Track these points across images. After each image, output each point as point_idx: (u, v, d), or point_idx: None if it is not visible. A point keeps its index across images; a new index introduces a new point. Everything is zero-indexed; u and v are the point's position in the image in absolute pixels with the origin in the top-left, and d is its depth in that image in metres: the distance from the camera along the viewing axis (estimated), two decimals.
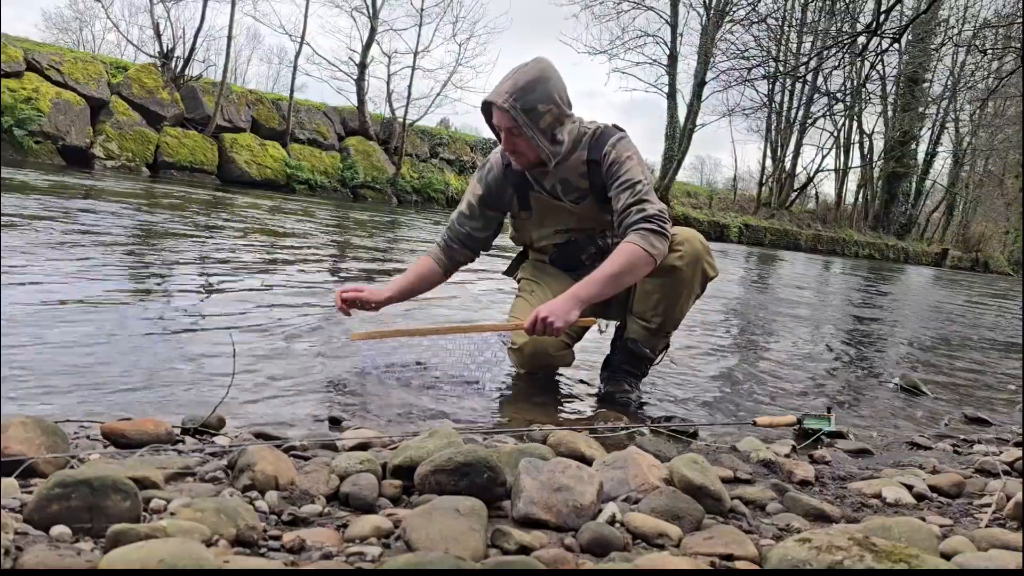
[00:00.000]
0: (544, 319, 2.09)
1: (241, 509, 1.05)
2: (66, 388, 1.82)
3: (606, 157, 2.27)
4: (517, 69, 2.21)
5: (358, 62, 18.60)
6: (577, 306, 2.13)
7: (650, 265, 2.16)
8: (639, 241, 2.15)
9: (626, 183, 2.23)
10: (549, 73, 2.21)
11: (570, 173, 2.34)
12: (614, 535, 1.10)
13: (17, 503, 1.04)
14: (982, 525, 1.37)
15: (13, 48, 12.45)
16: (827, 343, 4.48)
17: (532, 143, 2.22)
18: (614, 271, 2.14)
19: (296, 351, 2.49)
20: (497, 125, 2.25)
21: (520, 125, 2.18)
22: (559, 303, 2.13)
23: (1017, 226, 32.52)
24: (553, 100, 2.20)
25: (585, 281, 2.16)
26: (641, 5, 23.39)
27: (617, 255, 2.16)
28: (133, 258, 4.19)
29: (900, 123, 27.35)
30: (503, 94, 2.17)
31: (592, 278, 2.15)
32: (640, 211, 2.18)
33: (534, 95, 2.17)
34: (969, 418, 2.65)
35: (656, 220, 2.17)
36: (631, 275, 2.17)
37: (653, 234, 2.15)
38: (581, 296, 2.13)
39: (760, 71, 20.48)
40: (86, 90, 13.10)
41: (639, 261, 2.14)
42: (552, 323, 2.09)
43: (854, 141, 29.24)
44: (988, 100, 17.38)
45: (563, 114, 2.25)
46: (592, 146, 2.31)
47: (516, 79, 2.18)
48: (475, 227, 2.48)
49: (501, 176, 2.43)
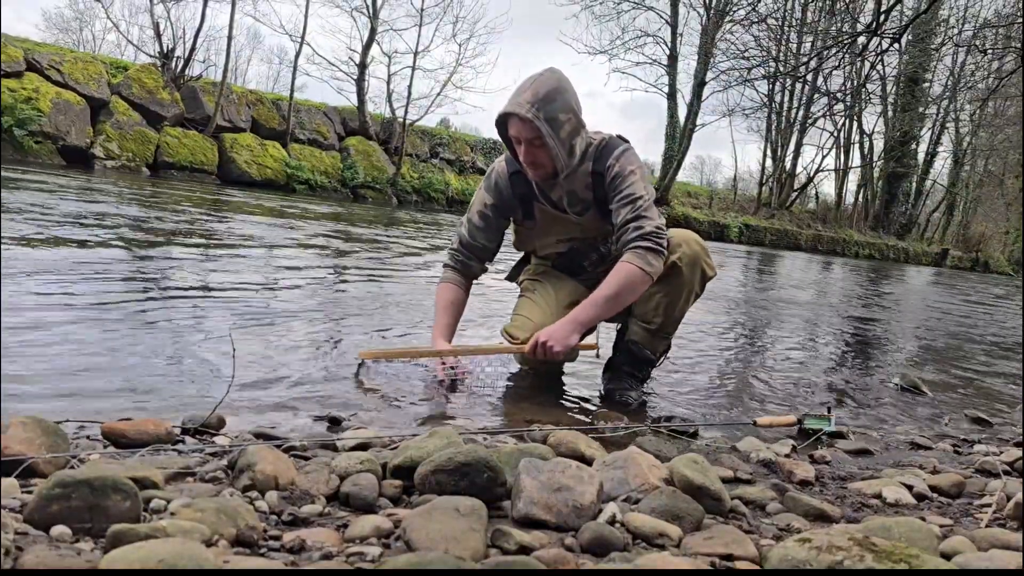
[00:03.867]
0: (544, 343, 2.16)
1: (241, 509, 1.05)
2: (66, 388, 1.82)
3: (610, 169, 2.28)
4: (534, 79, 2.19)
5: (358, 62, 18.61)
6: (577, 330, 2.20)
7: (647, 283, 2.21)
8: (635, 260, 2.18)
9: (627, 198, 2.24)
10: (565, 84, 2.20)
11: (576, 185, 2.34)
12: (614, 535, 1.10)
13: (17, 503, 1.04)
14: (982, 525, 1.37)
15: (13, 48, 12.46)
16: (827, 343, 4.49)
17: (552, 153, 2.20)
18: (612, 292, 2.18)
19: (296, 351, 2.49)
20: (516, 136, 2.20)
21: (544, 135, 2.15)
22: (559, 328, 2.18)
23: (1017, 226, 32.50)
24: (572, 110, 2.20)
25: (584, 304, 2.21)
26: (641, 5, 23.41)
27: (614, 276, 2.19)
28: (132, 257, 4.19)
29: (900, 123, 27.34)
30: (525, 104, 2.13)
31: (591, 301, 2.20)
32: (637, 228, 2.20)
33: (555, 105, 2.15)
34: (969, 418, 2.65)
35: (652, 238, 2.19)
36: (629, 295, 2.22)
37: (649, 252, 2.19)
38: (580, 320, 2.20)
39: (760, 71, 20.48)
40: (86, 90, 13.10)
41: (636, 280, 2.18)
42: (552, 348, 2.16)
43: (854, 141, 29.27)
44: (988, 100, 17.37)
45: (580, 124, 2.25)
46: (597, 157, 2.31)
47: (536, 89, 2.15)
48: (489, 238, 2.46)
49: (508, 184, 2.42)
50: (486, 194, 2.45)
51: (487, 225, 2.45)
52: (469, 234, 2.46)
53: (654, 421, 2.08)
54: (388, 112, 19.20)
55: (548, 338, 2.16)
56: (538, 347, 2.16)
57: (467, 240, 2.46)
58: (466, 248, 2.47)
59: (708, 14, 22.70)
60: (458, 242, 2.49)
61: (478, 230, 2.45)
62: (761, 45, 21.58)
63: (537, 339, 2.17)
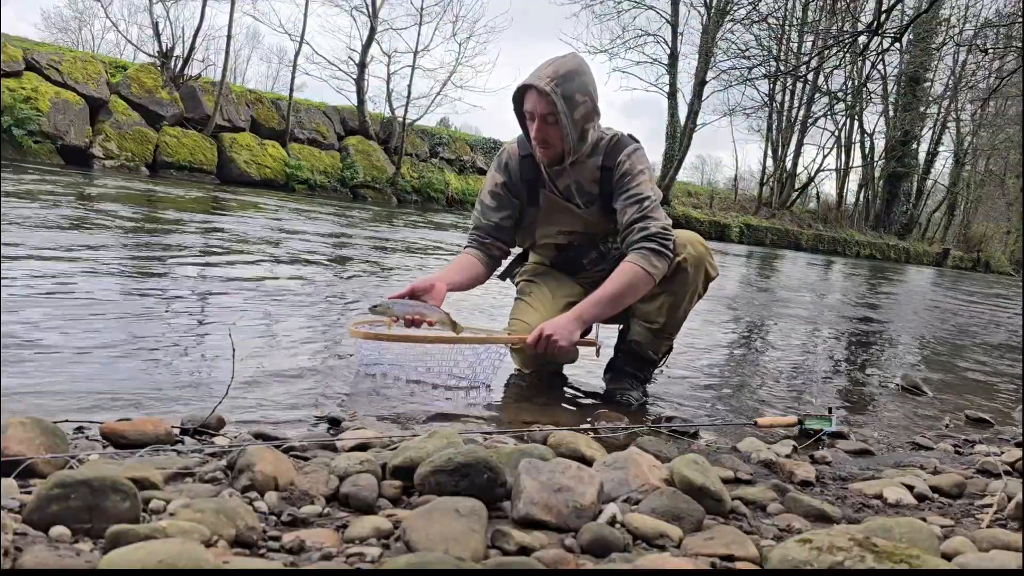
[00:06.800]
0: (549, 336, 2.14)
1: (241, 510, 1.05)
2: (65, 388, 1.81)
3: (619, 166, 2.29)
4: (556, 59, 2.22)
5: (358, 61, 18.60)
6: (580, 326, 2.20)
7: (650, 284, 2.21)
8: (640, 261, 2.18)
9: (634, 197, 2.25)
10: (585, 68, 2.23)
11: (584, 176, 2.34)
12: (614, 536, 1.10)
13: (16, 503, 1.04)
14: (983, 526, 1.37)
15: (12, 48, 12.45)
16: (828, 343, 4.48)
17: (564, 132, 2.20)
18: (615, 292, 2.18)
19: (296, 351, 2.48)
20: (532, 111, 2.21)
21: (558, 112, 2.17)
22: (563, 322, 2.17)
23: (1018, 226, 32.50)
24: (589, 93, 2.22)
25: (587, 302, 2.21)
26: (642, 4, 23.39)
27: (618, 275, 2.19)
28: (131, 257, 4.19)
29: (901, 123, 27.34)
30: (544, 78, 2.16)
31: (594, 299, 2.20)
32: (643, 229, 2.21)
33: (573, 84, 2.18)
34: (970, 418, 2.65)
35: (658, 239, 2.20)
36: (631, 295, 2.22)
37: (654, 254, 2.19)
38: (584, 317, 2.20)
39: (761, 70, 20.52)
40: (85, 90, 13.09)
41: (639, 281, 2.19)
42: (556, 341, 2.14)
43: (855, 141, 29.29)
44: (989, 99, 17.36)
45: (595, 110, 2.26)
46: (608, 153, 2.32)
47: (557, 67, 2.18)
48: (503, 216, 2.43)
49: (518, 167, 2.42)
50: (497, 174, 2.44)
51: (499, 204, 2.43)
52: (482, 214, 2.45)
53: (654, 421, 2.08)
54: (388, 111, 19.19)
55: (553, 331, 2.14)
56: (541, 339, 2.14)
57: (482, 222, 2.45)
58: (481, 229, 2.44)
59: (709, 13, 22.69)
60: (473, 226, 2.47)
61: (491, 209, 2.44)
62: (762, 44, 21.63)
63: (542, 330, 2.15)
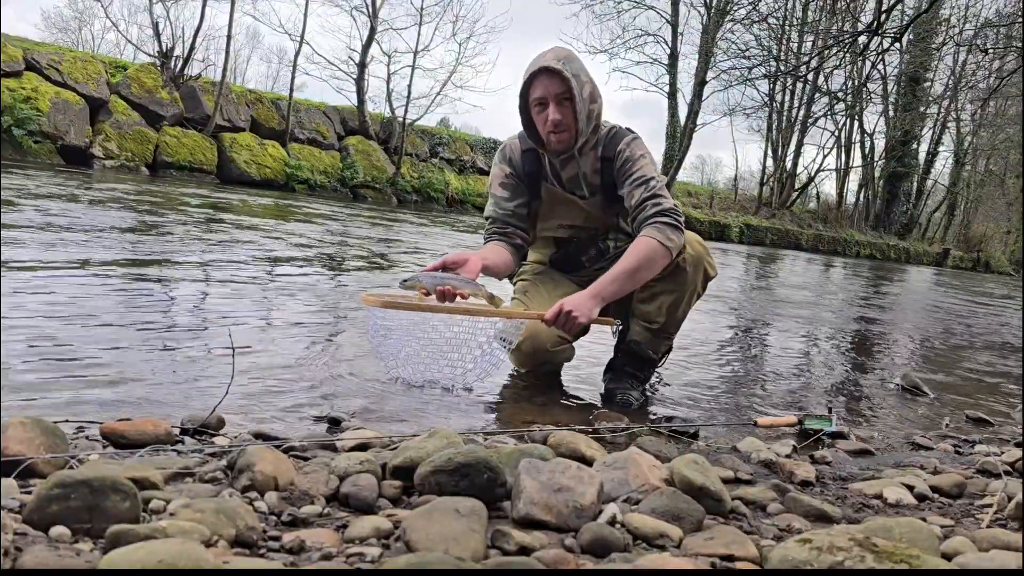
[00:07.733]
0: (569, 312, 2.09)
1: (241, 510, 1.05)
2: (66, 388, 1.81)
3: (620, 155, 2.31)
4: (548, 49, 2.26)
5: (358, 61, 18.59)
6: (599, 303, 2.15)
7: (667, 258, 2.18)
8: (655, 235, 2.16)
9: (640, 179, 2.27)
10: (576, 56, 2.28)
11: (586, 167, 2.36)
12: (615, 536, 1.10)
13: (16, 503, 1.04)
14: (983, 526, 1.37)
15: (12, 48, 12.44)
16: (828, 343, 4.48)
17: (577, 109, 2.21)
18: (632, 266, 2.15)
19: (296, 351, 2.48)
20: (544, 95, 2.22)
21: (573, 88, 2.19)
22: (583, 299, 2.13)
23: (1018, 226, 32.50)
24: (588, 74, 2.26)
25: (604, 278, 2.17)
26: (642, 4, 23.39)
27: (634, 249, 2.17)
28: (130, 256, 4.19)
29: (901, 123, 27.32)
30: (552, 60, 2.19)
31: (611, 275, 2.16)
32: (656, 204, 2.21)
33: (575, 64, 2.23)
34: (970, 418, 2.65)
35: (672, 214, 2.20)
36: (649, 270, 2.18)
37: (670, 227, 2.18)
38: (603, 294, 2.15)
39: (761, 70, 20.51)
40: (85, 89, 13.08)
41: (656, 255, 2.16)
42: (576, 318, 2.09)
43: (855, 141, 29.27)
44: (989, 99, 17.36)
45: (597, 91, 2.29)
46: (607, 144, 2.35)
47: (555, 53, 2.23)
48: (518, 204, 2.40)
49: (520, 159, 2.42)
50: (502, 166, 2.44)
51: (513, 193, 2.41)
52: (497, 205, 2.41)
53: (654, 421, 2.08)
54: (388, 111, 19.19)
55: (573, 308, 2.09)
56: (560, 315, 2.09)
57: (497, 212, 2.40)
58: (499, 220, 2.40)
59: (709, 13, 22.69)
60: (490, 219, 2.43)
61: (505, 199, 2.41)
62: (762, 44, 21.63)
63: (562, 307, 2.09)
